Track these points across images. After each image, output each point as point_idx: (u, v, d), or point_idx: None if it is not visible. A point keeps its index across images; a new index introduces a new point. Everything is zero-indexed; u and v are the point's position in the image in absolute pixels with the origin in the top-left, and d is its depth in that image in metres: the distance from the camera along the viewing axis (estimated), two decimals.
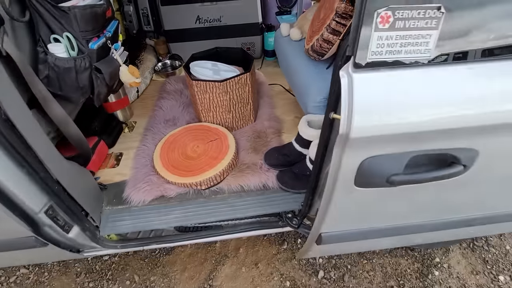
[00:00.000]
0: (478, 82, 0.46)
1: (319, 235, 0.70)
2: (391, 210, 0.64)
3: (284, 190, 1.04)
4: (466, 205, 0.66)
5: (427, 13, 0.40)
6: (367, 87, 0.44)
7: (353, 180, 0.54)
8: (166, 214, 1.00)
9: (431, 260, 1.29)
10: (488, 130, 0.49)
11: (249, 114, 1.27)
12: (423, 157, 0.52)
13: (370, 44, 0.41)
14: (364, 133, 0.46)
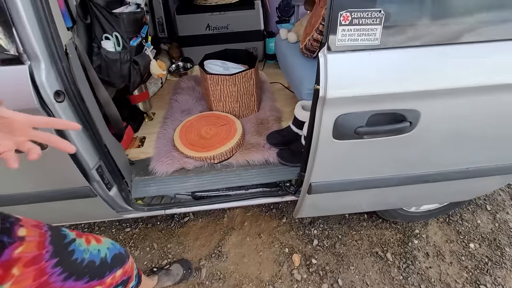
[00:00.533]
0: (413, 60, 0.68)
1: (310, 185, 0.90)
2: (363, 162, 0.84)
3: (283, 164, 1.25)
4: (419, 160, 0.87)
5: (372, 14, 0.62)
6: (337, 63, 0.66)
7: (331, 134, 0.75)
8: (185, 182, 1.20)
9: (412, 231, 1.48)
10: (423, 95, 0.70)
11: (253, 104, 1.49)
12: (380, 116, 0.73)
13: (337, 34, 0.63)
14: (336, 95, 0.67)
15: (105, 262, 0.79)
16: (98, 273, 0.77)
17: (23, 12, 0.64)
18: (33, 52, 0.68)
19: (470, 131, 0.80)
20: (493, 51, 0.69)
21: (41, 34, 0.68)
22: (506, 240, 1.43)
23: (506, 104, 0.75)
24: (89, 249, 0.76)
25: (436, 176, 0.93)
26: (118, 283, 0.87)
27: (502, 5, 0.66)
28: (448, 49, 0.68)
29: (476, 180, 0.99)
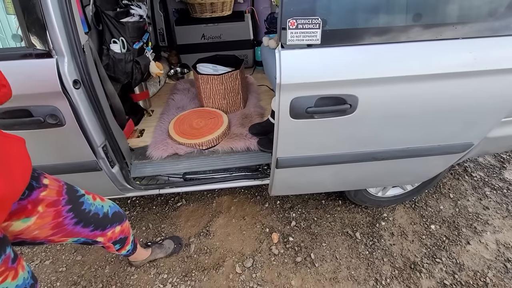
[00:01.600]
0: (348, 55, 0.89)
1: (277, 160, 1.09)
2: (318, 139, 1.04)
3: (262, 151, 1.44)
4: (365, 139, 1.06)
5: (312, 21, 0.83)
6: (288, 57, 0.86)
7: (289, 114, 0.95)
8: (177, 165, 1.40)
9: (380, 215, 1.66)
10: (357, 83, 0.90)
11: (239, 101, 1.70)
12: (326, 100, 0.94)
13: (287, 35, 0.84)
14: (288, 82, 0.88)
15: (107, 216, 0.98)
16: (101, 224, 0.96)
17: (54, 20, 0.86)
18: (59, 49, 0.89)
19: (403, 114, 1.00)
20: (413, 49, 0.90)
21: (66, 35, 0.90)
22: (464, 223, 1.60)
23: (429, 91, 0.95)
24: (94, 203, 0.95)
25: (382, 154, 1.12)
26: (116, 239, 1.06)
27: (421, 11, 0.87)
28: (376, 47, 0.89)
29: (419, 160, 1.18)
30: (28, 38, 0.87)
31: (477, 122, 1.05)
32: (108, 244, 1.05)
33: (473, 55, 0.90)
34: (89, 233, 0.94)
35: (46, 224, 0.81)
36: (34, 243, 0.84)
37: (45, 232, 0.82)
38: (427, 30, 0.89)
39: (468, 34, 0.89)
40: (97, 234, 0.97)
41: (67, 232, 0.88)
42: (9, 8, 0.86)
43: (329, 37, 0.86)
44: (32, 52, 0.88)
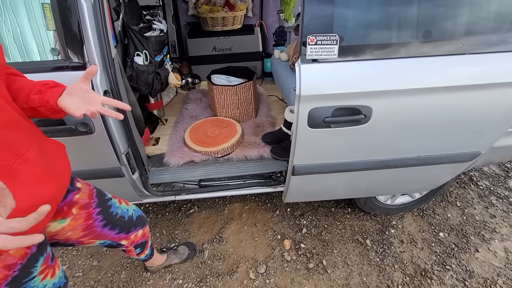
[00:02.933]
0: (363, 69, 0.95)
1: (293, 167, 1.14)
2: (334, 148, 1.09)
3: (275, 158, 1.49)
4: (379, 147, 1.11)
5: (330, 37, 0.90)
6: (308, 71, 0.93)
7: (307, 123, 1.00)
8: (193, 172, 1.44)
9: (389, 223, 1.69)
10: (372, 95, 0.96)
11: (251, 111, 1.76)
12: (342, 110, 0.99)
13: (307, 51, 0.91)
14: (307, 93, 0.94)
15: (132, 220, 1.02)
16: (126, 227, 1.00)
17: (90, 35, 0.93)
18: (93, 62, 0.96)
19: (414, 124, 1.05)
20: (424, 63, 0.96)
21: (99, 49, 0.96)
22: (472, 230, 1.63)
23: (439, 103, 1.01)
24: (120, 207, 0.99)
25: (394, 162, 1.17)
26: (138, 243, 1.10)
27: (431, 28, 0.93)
28: (389, 62, 0.95)
29: (430, 168, 1.23)
30: (65, 52, 0.94)
31: (485, 132, 1.11)
32: (130, 247, 1.08)
33: (480, 69, 0.96)
34: (115, 235, 0.98)
35: (78, 226, 0.86)
36: (67, 244, 0.88)
37: (76, 233, 0.86)
38: (436, 46, 0.95)
39: (475, 49, 0.95)
40: (122, 237, 1.01)
41: (96, 234, 0.92)
42: (50, 25, 0.93)
43: (346, 52, 0.93)
44: (69, 64, 0.94)
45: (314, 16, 0.88)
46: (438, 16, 0.92)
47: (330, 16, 0.89)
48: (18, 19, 0.93)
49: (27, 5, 0.91)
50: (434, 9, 0.91)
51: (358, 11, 0.91)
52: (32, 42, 0.95)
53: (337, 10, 0.89)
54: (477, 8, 0.90)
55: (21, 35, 0.94)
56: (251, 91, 1.68)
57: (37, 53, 0.97)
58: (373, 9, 0.91)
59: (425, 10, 0.92)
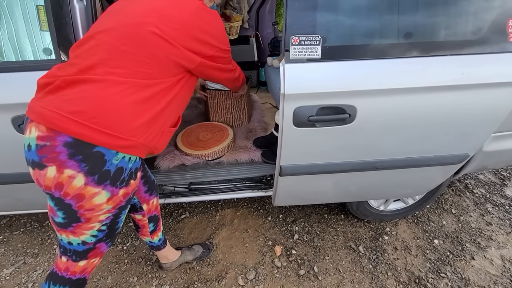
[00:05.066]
0: (346, 69, 0.97)
1: (280, 167, 1.14)
2: (320, 148, 1.09)
3: (265, 162, 1.49)
4: (365, 148, 1.11)
5: (313, 38, 0.93)
6: (291, 70, 0.95)
7: (292, 122, 1.01)
8: (183, 175, 1.44)
9: (383, 229, 1.66)
10: (355, 94, 0.98)
11: (244, 116, 1.78)
12: (327, 109, 1.01)
13: (290, 51, 0.94)
14: (291, 92, 0.96)
15: (154, 182, 1.17)
16: (151, 188, 1.15)
17: (82, 36, 0.96)
18: None
19: (399, 124, 1.06)
20: (406, 64, 0.98)
21: None
22: (468, 238, 1.60)
23: (423, 103, 1.02)
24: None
25: (382, 163, 1.16)
26: (152, 214, 1.17)
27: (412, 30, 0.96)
28: (372, 62, 0.98)
29: (418, 171, 1.22)
30: (58, 52, 0.97)
31: (470, 133, 1.11)
32: (145, 219, 1.14)
33: (461, 70, 0.98)
34: (143, 194, 1.09)
35: None
36: None
37: None
38: (417, 47, 0.98)
39: (456, 51, 0.98)
40: (146, 198, 1.10)
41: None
42: (44, 25, 0.97)
43: (329, 52, 0.95)
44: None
45: (297, 17, 0.92)
46: (418, 18, 0.95)
47: (313, 17, 0.93)
48: (13, 20, 0.97)
49: (23, 7, 0.95)
50: (415, 11, 0.94)
51: (341, 12, 0.94)
52: (26, 42, 0.99)
53: (320, 11, 0.93)
54: (457, 9, 0.94)
55: (15, 35, 0.98)
56: (244, 97, 1.71)
57: (30, 53, 1.00)
58: (355, 11, 0.94)
59: (406, 12, 0.95)
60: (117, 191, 0.79)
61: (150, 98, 0.78)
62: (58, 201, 0.75)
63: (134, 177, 0.83)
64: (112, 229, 0.87)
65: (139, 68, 0.76)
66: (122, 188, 0.80)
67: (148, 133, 0.79)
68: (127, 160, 0.78)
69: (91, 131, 0.70)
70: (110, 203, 0.79)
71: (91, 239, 0.83)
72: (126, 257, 1.51)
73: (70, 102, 0.70)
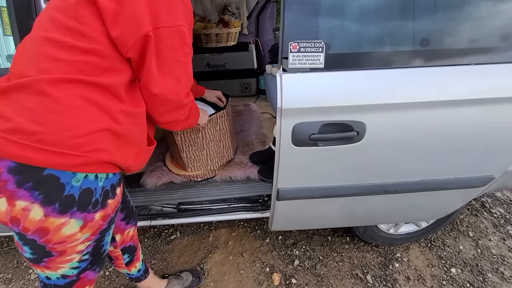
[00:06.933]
0: (353, 80, 0.84)
1: (277, 191, 1.00)
2: (323, 169, 0.95)
3: (262, 180, 1.35)
4: (375, 169, 0.96)
5: (315, 44, 0.79)
6: (290, 81, 0.81)
7: (291, 140, 0.87)
8: (171, 194, 1.30)
9: (393, 255, 1.50)
10: (365, 109, 0.84)
11: (222, 151, 1.34)
12: (331, 126, 0.87)
13: (289, 59, 0.80)
14: (290, 106, 0.82)
15: (133, 208, 1.04)
16: (128, 215, 1.00)
17: None
18: None
19: (416, 143, 0.92)
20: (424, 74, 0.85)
21: None
22: (489, 266, 1.43)
23: (443, 119, 0.88)
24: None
25: (394, 186, 1.02)
26: (126, 245, 1.02)
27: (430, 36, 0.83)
28: (385, 72, 0.84)
29: (436, 194, 1.07)
30: None
31: (497, 153, 0.96)
32: (117, 251, 1.00)
33: (488, 82, 0.84)
34: (119, 222, 0.95)
35: None
36: None
37: None
38: (436, 55, 0.84)
39: (481, 60, 0.84)
40: (121, 227, 0.97)
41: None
42: (7, 30, 0.85)
43: (334, 61, 0.82)
44: None
45: (297, 20, 0.79)
46: (437, 21, 0.82)
47: (315, 20, 0.79)
48: None
49: None
50: (433, 13, 0.81)
51: (347, 15, 0.81)
52: None
53: (323, 14, 0.80)
54: (483, 11, 0.80)
55: None
56: (220, 125, 1.27)
57: None
58: (364, 14, 0.81)
59: (423, 15, 0.82)
60: (92, 216, 0.65)
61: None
62: (20, 236, 0.63)
63: (112, 195, 0.69)
64: (97, 255, 0.74)
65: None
66: (97, 212, 0.66)
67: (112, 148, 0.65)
68: (92, 179, 0.64)
69: (33, 152, 0.56)
70: (86, 230, 0.66)
71: (72, 271, 0.71)
72: (107, 284, 1.37)
73: (3, 119, 0.57)
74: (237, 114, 2.01)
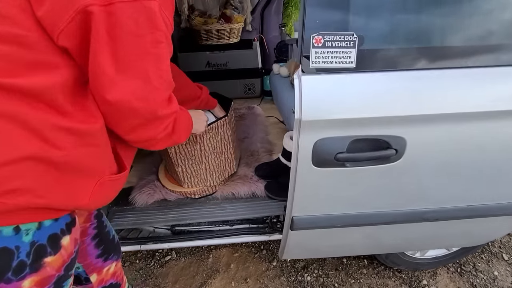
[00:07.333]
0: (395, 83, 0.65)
1: (292, 219, 0.81)
2: (349, 194, 0.76)
3: (270, 197, 1.17)
4: (414, 194, 0.78)
5: (345, 37, 0.61)
6: (312, 85, 0.63)
7: (311, 160, 0.69)
8: (165, 214, 1.12)
9: (419, 282, 1.31)
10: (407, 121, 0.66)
11: (224, 164, 1.18)
12: (363, 142, 0.68)
13: (310, 56, 0.62)
14: (312, 118, 0.63)
15: (113, 241, 0.82)
16: (107, 249, 0.79)
17: None
18: None
19: (467, 162, 0.73)
20: (490, 76, 0.66)
21: None
22: None
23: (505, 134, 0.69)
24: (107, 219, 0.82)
25: (434, 213, 0.83)
26: (107, 284, 0.84)
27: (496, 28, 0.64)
28: (433, 73, 0.66)
29: (481, 221, 0.89)
30: None
31: None
32: None
33: None
34: (94, 259, 0.77)
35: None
36: None
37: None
38: (501, 53, 0.65)
39: None
40: (98, 265, 0.78)
41: (82, 249, 0.72)
42: None
43: (368, 58, 0.63)
44: None
45: (322, 6, 0.60)
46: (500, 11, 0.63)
47: (345, 7, 0.61)
48: None
49: None
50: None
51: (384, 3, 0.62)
52: None
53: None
54: None
55: None
56: (221, 135, 1.09)
57: None
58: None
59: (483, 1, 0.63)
60: (18, 285, 0.47)
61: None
62: None
63: (53, 250, 0.51)
64: None
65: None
66: (26, 278, 0.48)
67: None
68: (9, 234, 0.45)
69: None
70: None
71: None
72: None
73: None
74: (239, 118, 1.83)
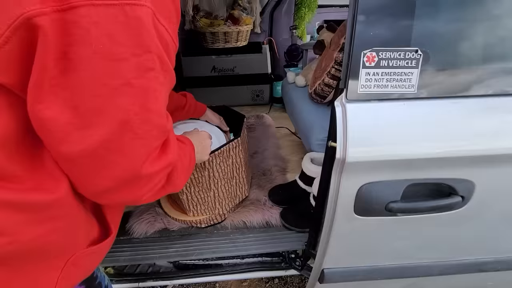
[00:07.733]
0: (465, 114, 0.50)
1: (322, 272, 0.67)
2: (394, 245, 0.62)
3: (287, 228, 1.02)
4: (472, 244, 0.64)
5: (407, 55, 0.46)
6: (359, 115, 0.49)
7: (353, 208, 0.55)
8: (167, 247, 0.98)
9: None
10: (478, 161, 0.51)
11: (234, 190, 1.04)
12: (421, 187, 0.54)
13: (359, 79, 0.47)
14: (358, 157, 0.49)
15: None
16: None
17: None
18: None
19: None
20: None
21: None
22: None
23: None
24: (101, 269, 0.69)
25: (494, 264, 0.68)
26: None
27: None
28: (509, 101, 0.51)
29: None
30: None
31: None
32: None
33: None
34: None
35: None
36: None
37: None
38: None
39: None
40: None
41: None
42: None
43: (434, 81, 0.48)
44: None
45: (376, 16, 0.45)
46: None
47: (408, 16, 0.46)
48: None
49: None
50: None
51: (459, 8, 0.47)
52: None
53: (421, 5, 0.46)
54: None
55: None
56: (233, 159, 0.94)
57: None
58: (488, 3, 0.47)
59: None
60: None
61: None
62: None
63: None
64: None
65: None
66: None
67: None
68: None
69: None
70: None
71: None
72: None
73: None
74: (248, 129, 1.68)
